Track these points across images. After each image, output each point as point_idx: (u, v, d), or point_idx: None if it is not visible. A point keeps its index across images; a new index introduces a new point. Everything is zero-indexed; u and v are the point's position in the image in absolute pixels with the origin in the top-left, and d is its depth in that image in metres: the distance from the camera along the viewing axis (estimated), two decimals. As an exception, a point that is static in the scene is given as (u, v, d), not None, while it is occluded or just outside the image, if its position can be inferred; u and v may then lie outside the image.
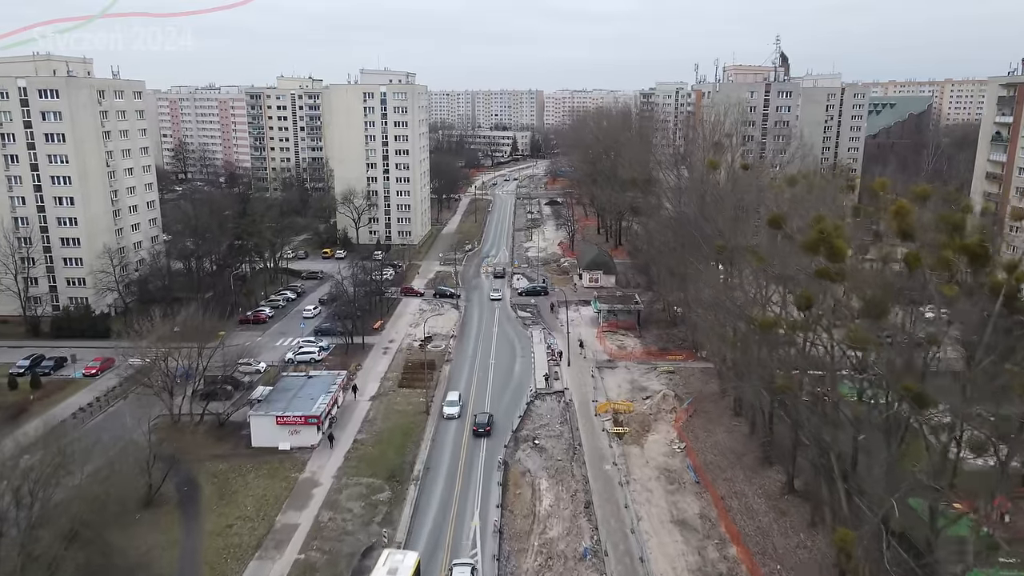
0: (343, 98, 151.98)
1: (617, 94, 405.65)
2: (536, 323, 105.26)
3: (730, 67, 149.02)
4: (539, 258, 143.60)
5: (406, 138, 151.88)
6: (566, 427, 72.07)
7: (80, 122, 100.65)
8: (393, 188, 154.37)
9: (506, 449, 66.95)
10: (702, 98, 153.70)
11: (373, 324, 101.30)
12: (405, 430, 70.91)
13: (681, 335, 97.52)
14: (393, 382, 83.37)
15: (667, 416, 73.56)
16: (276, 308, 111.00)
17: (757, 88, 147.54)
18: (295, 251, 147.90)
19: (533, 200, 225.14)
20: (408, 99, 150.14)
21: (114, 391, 77.36)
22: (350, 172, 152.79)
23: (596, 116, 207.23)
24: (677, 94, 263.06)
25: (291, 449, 66.48)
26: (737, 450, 66.25)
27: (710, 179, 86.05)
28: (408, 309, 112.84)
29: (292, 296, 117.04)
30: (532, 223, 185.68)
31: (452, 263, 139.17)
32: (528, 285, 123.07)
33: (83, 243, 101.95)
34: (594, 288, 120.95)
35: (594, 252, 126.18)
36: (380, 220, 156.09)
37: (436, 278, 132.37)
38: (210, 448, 67.01)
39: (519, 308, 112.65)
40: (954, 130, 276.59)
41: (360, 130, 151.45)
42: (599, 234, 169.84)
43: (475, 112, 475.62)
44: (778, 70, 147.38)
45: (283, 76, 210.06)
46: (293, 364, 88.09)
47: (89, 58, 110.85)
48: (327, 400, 70.27)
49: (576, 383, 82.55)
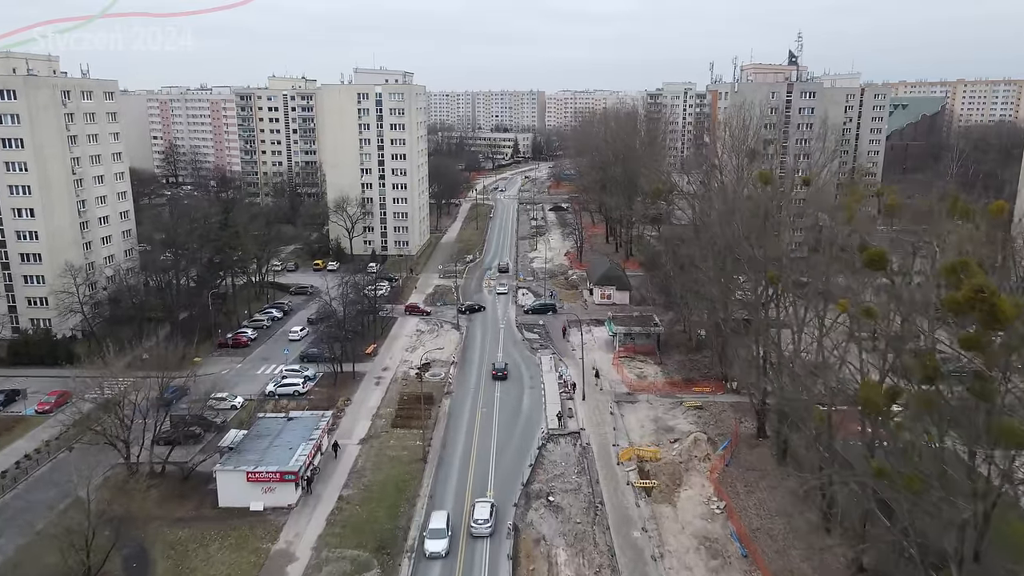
0: (336, 99, 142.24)
1: (621, 95, 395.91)
2: (545, 346, 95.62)
3: (748, 66, 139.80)
4: (545, 270, 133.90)
5: (403, 141, 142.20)
6: (584, 478, 62.43)
7: (41, 125, 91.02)
8: (389, 195, 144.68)
9: (516, 509, 57.35)
10: (718, 99, 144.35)
11: (365, 348, 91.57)
12: (399, 483, 61.22)
13: (706, 362, 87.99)
14: (386, 420, 73.65)
15: (700, 465, 63.88)
16: (260, 329, 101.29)
17: (778, 88, 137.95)
18: (284, 263, 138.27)
19: (537, 205, 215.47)
20: (405, 100, 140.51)
21: (61, 438, 67.22)
22: (343, 178, 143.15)
23: (603, 118, 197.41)
24: (686, 95, 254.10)
25: (264, 510, 56.83)
26: (786, 510, 56.59)
27: (743, 190, 76.48)
28: (404, 329, 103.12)
29: (278, 315, 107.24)
30: (536, 231, 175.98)
31: (453, 276, 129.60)
32: (535, 302, 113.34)
33: (45, 259, 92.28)
34: (607, 305, 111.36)
35: (606, 266, 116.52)
36: (375, 229, 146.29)
37: (435, 292, 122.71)
38: (170, 508, 57.34)
39: (525, 328, 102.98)
40: (971, 131, 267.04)
41: (354, 133, 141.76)
42: (608, 243, 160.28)
43: (475, 113, 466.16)
44: (800, 69, 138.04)
45: (275, 76, 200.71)
46: (274, 398, 78.44)
47: (55, 56, 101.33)
48: (308, 450, 60.60)
49: (593, 422, 72.91)
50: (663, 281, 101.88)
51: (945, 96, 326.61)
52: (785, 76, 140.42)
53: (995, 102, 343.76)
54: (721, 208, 78.13)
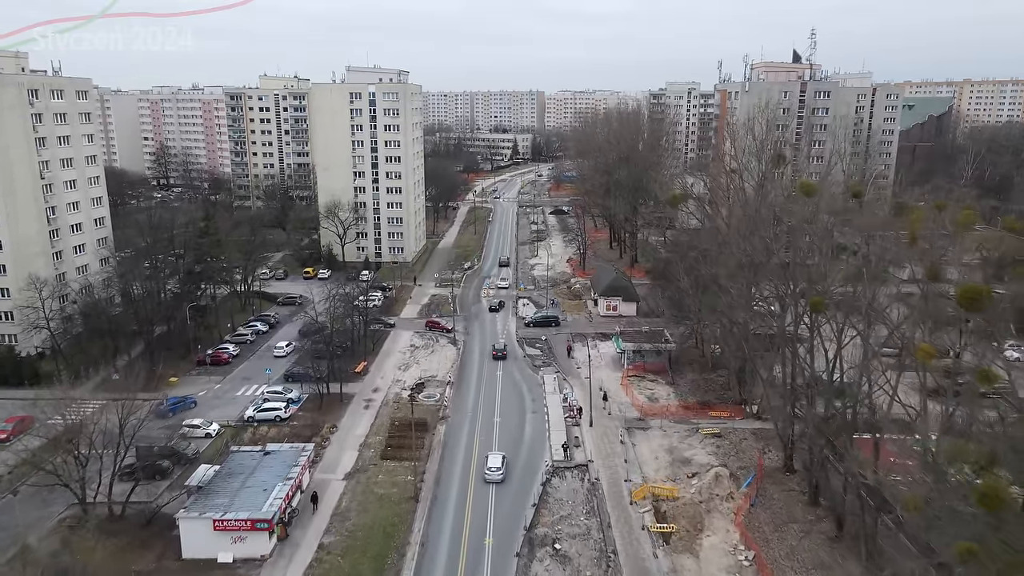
0: (328, 99, 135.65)
1: (621, 95, 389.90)
2: (548, 363, 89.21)
3: (759, 64, 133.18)
4: (547, 278, 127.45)
5: (397, 143, 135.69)
6: (594, 520, 56.02)
7: (6, 126, 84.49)
8: (383, 199, 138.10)
9: (518, 559, 50.90)
10: (727, 99, 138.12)
11: (354, 367, 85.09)
12: (387, 528, 54.72)
13: (722, 382, 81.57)
14: (375, 451, 67.09)
15: (723, 505, 57.45)
16: (243, 344, 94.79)
17: (791, 87, 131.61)
18: (272, 270, 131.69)
19: (537, 209, 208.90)
20: (400, 99, 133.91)
21: (4, 480, 60.50)
22: (335, 181, 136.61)
23: (606, 119, 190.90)
24: (689, 95, 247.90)
25: (234, 561, 50.34)
26: (823, 562, 50.19)
27: (768, 197, 70.04)
28: (397, 344, 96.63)
29: (263, 328, 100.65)
30: (537, 236, 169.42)
31: (450, 284, 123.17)
32: (536, 314, 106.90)
33: (10, 270, 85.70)
34: (612, 317, 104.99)
35: (611, 275, 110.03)
36: (369, 235, 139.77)
37: (431, 303, 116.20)
38: (129, 559, 50.82)
39: (527, 343, 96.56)
40: (980, 132, 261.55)
41: (346, 134, 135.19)
42: (611, 249, 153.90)
43: (474, 114, 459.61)
44: (813, 67, 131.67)
45: (266, 75, 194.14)
46: (253, 424, 71.94)
47: (23, 52, 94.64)
48: (284, 492, 54.11)
49: (602, 452, 66.46)
50: (673, 292, 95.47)
51: (952, 96, 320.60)
52: (798, 75, 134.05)
53: (1003, 102, 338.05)
54: (741, 217, 71.67)
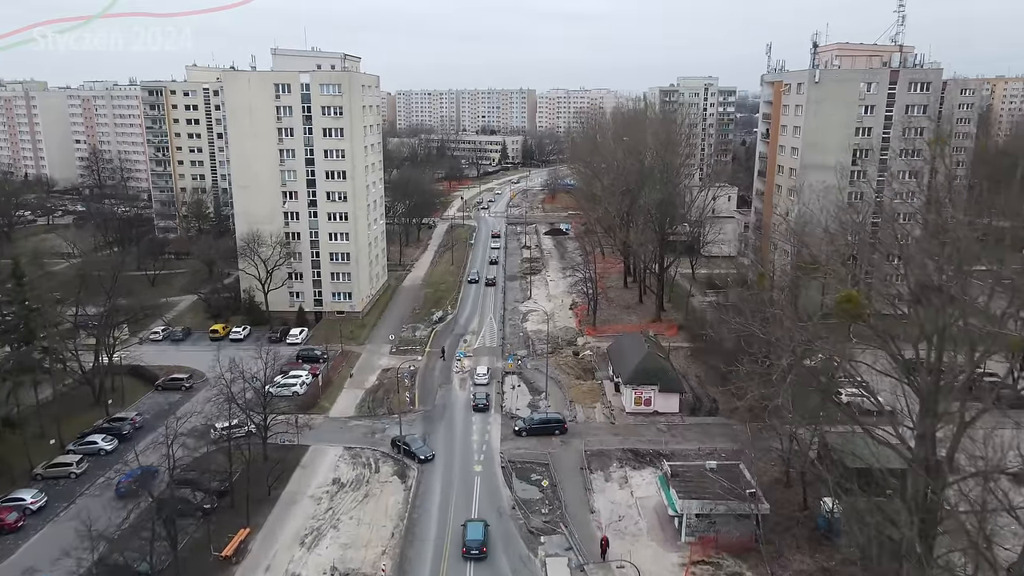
0: (244, 93, 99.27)
1: (618, 93, 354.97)
2: (554, 528, 53.74)
3: (828, 47, 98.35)
4: (544, 336, 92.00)
5: (342, 153, 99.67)
6: None
7: None
8: (323, 228, 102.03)
9: None
10: (784, 93, 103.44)
11: (221, 550, 49.34)
12: None
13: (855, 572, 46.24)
14: None
15: None
16: (61, 480, 59.01)
17: (878, 77, 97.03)
18: (168, 328, 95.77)
19: (529, 227, 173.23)
20: (345, 93, 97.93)
21: None
22: (257, 205, 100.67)
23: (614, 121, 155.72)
24: (706, 91, 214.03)
25: None
26: None
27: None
28: (313, 476, 60.95)
29: (107, 447, 64.41)
30: (530, 267, 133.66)
31: (410, 349, 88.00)
32: (532, 416, 70.87)
33: None
34: (644, 415, 70.07)
35: (641, 350, 74.31)
36: (306, 276, 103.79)
37: (379, 384, 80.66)
38: None
39: (516, 472, 61.10)
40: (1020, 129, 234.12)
41: (271, 141, 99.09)
42: (627, 287, 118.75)
43: (460, 114, 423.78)
44: (904, 51, 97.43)
45: (196, 65, 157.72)
46: None
47: None
48: None
49: None
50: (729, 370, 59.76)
51: (989, 94, 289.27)
52: (883, 61, 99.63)
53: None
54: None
